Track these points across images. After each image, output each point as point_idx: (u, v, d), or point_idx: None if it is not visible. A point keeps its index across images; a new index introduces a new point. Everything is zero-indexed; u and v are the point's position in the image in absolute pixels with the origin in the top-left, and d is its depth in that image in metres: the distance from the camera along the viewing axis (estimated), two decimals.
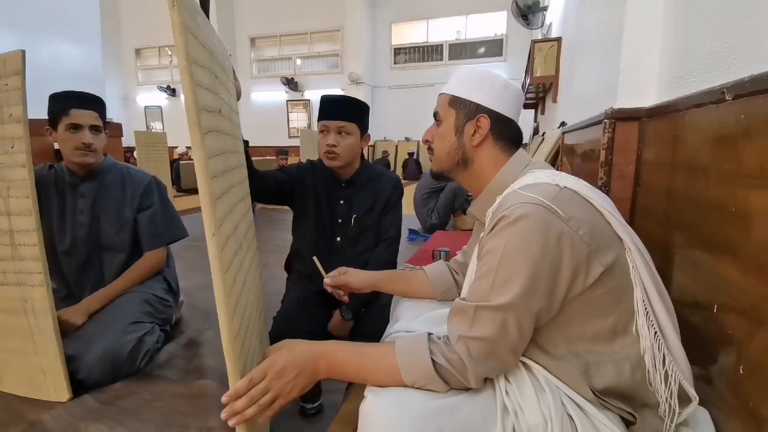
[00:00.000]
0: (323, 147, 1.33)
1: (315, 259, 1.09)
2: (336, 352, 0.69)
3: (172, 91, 13.06)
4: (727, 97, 0.69)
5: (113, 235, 1.62)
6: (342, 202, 1.41)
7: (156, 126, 13.39)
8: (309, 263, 1.13)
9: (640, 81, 1.16)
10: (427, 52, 11.81)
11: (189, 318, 2.00)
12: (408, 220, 2.95)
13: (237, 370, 0.66)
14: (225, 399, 0.63)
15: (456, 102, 0.79)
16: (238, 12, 12.24)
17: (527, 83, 4.49)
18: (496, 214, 0.66)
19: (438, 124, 0.82)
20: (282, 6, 11.83)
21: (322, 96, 1.39)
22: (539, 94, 4.97)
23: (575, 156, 1.91)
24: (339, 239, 1.41)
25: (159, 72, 13.40)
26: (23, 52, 1.20)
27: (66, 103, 1.47)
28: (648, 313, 0.63)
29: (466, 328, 0.63)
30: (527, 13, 4.54)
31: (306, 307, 1.30)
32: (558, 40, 3.47)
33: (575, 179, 0.68)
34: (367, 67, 11.42)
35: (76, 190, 1.59)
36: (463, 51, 11.48)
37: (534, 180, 0.68)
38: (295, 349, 0.69)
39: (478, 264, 0.68)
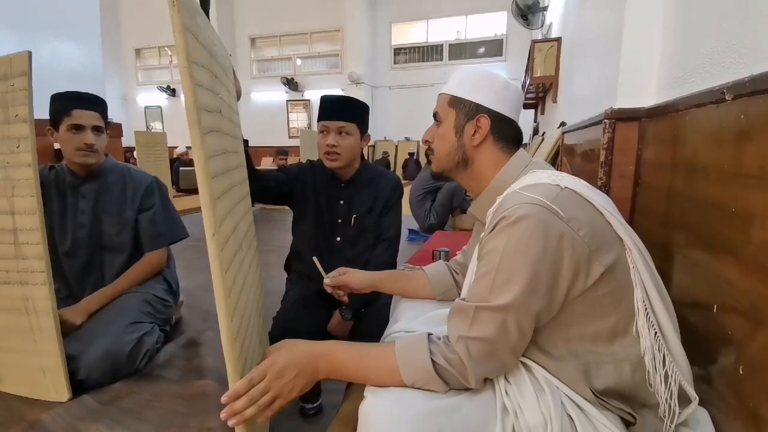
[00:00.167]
0: (323, 147, 1.33)
1: (315, 260, 1.09)
2: (336, 352, 0.69)
3: (172, 91, 13.06)
4: (727, 97, 0.69)
5: (114, 236, 1.62)
6: (342, 202, 1.41)
7: (156, 126, 13.39)
8: (309, 263, 1.13)
9: (639, 81, 1.16)
10: (427, 52, 11.80)
11: (189, 318, 2.00)
12: (408, 220, 2.96)
13: (237, 370, 0.66)
14: (225, 399, 0.63)
15: (456, 102, 0.79)
16: (238, 12, 12.23)
17: (527, 83, 4.48)
18: (496, 214, 0.66)
19: (438, 124, 0.82)
20: (282, 6, 11.82)
21: (322, 96, 1.39)
22: (539, 94, 4.96)
23: (575, 156, 1.91)
24: (339, 239, 1.41)
25: (159, 72, 13.39)
26: (29, 53, 1.21)
27: (68, 104, 1.47)
28: (648, 314, 0.63)
29: (466, 328, 0.63)
30: (527, 13, 4.53)
31: (306, 307, 1.30)
32: (558, 40, 3.46)
33: (576, 179, 0.68)
34: (367, 67, 11.41)
35: (77, 190, 1.59)
36: (463, 51, 11.47)
37: (534, 180, 0.68)
38: (295, 349, 0.69)
39: (478, 264, 0.68)
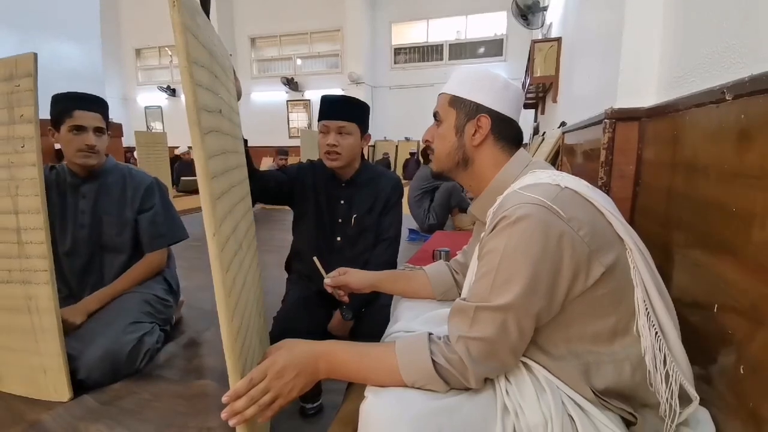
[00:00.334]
0: (323, 147, 1.33)
1: (315, 260, 1.09)
2: (336, 352, 0.69)
3: (172, 91, 13.05)
4: (727, 97, 0.69)
5: (114, 236, 1.62)
6: (342, 202, 1.41)
7: (156, 126, 13.38)
8: (309, 263, 1.13)
9: (640, 81, 1.16)
10: (427, 52, 11.80)
11: (189, 318, 2.00)
12: (408, 220, 2.96)
13: (237, 370, 0.66)
14: (225, 399, 0.63)
15: (456, 102, 0.78)
16: (238, 12, 12.23)
17: (527, 83, 4.48)
18: (496, 214, 0.66)
19: (438, 124, 0.82)
20: (282, 6, 11.82)
21: (322, 96, 1.39)
22: (539, 94, 4.96)
23: (575, 156, 1.91)
24: (339, 239, 1.41)
25: (159, 72, 13.39)
26: (35, 54, 1.22)
27: (70, 105, 1.47)
28: (649, 314, 0.63)
29: (466, 328, 0.63)
30: (527, 13, 4.53)
31: (306, 307, 1.30)
32: (558, 40, 3.46)
33: (576, 179, 0.68)
34: (367, 67, 11.41)
35: (77, 190, 1.59)
36: (463, 51, 11.46)
37: (535, 180, 0.68)
38: (295, 349, 0.69)
39: (478, 264, 0.68)
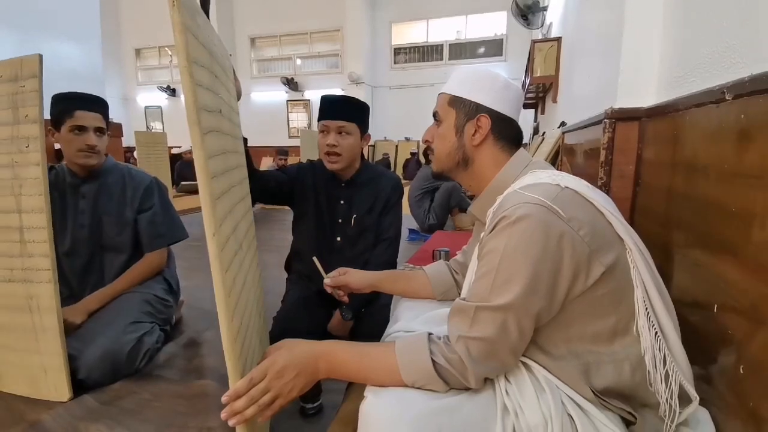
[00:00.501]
0: (323, 147, 1.33)
1: (315, 260, 1.09)
2: (336, 351, 0.69)
3: (172, 91, 13.05)
4: (727, 97, 0.69)
5: (114, 236, 1.62)
6: (342, 202, 1.41)
7: (156, 126, 13.37)
8: (309, 263, 1.13)
9: (640, 81, 1.16)
10: (427, 52, 11.79)
11: (189, 318, 1.99)
12: (408, 220, 2.96)
13: (237, 370, 0.66)
14: (225, 399, 0.63)
15: (456, 102, 0.78)
16: (238, 12, 12.22)
17: (527, 83, 4.48)
18: (496, 214, 0.65)
19: (438, 124, 0.82)
20: (282, 6, 11.81)
21: (322, 96, 1.39)
22: (539, 94, 4.96)
23: (575, 156, 1.91)
24: (339, 239, 1.41)
25: (159, 72, 13.38)
26: (40, 56, 1.24)
27: (70, 105, 1.47)
28: (649, 313, 0.63)
29: (466, 328, 0.63)
30: (527, 13, 4.53)
31: (306, 307, 1.30)
32: (558, 40, 3.46)
33: (576, 179, 0.68)
34: (367, 67, 11.41)
35: (77, 190, 1.59)
36: (463, 51, 11.46)
37: (535, 180, 0.68)
38: (295, 349, 0.69)
39: (478, 264, 0.67)
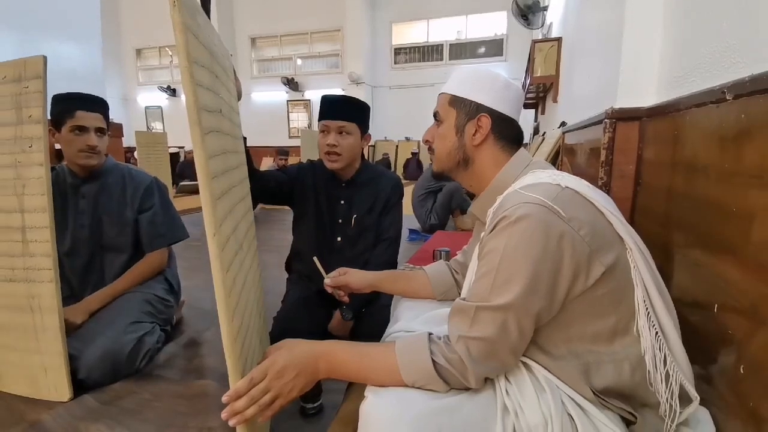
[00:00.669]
0: (324, 147, 1.33)
1: (315, 260, 1.09)
2: (336, 352, 0.69)
3: (172, 91, 13.06)
4: (728, 97, 0.69)
5: (115, 236, 1.62)
6: (342, 202, 1.41)
7: (156, 126, 13.39)
8: (309, 263, 1.13)
9: (640, 81, 1.16)
10: (428, 52, 11.80)
11: (189, 318, 2.00)
12: (408, 220, 2.95)
13: (237, 370, 0.66)
14: (225, 399, 0.63)
15: (457, 101, 0.78)
16: (238, 12, 12.23)
17: (527, 83, 4.48)
18: (496, 214, 0.65)
19: (438, 123, 0.82)
20: (282, 6, 11.82)
21: (322, 96, 1.39)
22: (539, 93, 4.96)
23: (575, 156, 1.91)
24: (339, 239, 1.41)
25: (159, 72, 13.39)
26: (44, 57, 1.25)
27: (71, 105, 1.47)
28: (649, 313, 0.63)
29: (466, 328, 0.63)
30: (527, 13, 4.53)
31: (306, 307, 1.30)
32: (558, 40, 3.46)
33: (576, 179, 0.68)
34: (368, 67, 11.41)
35: (77, 191, 1.59)
36: (464, 51, 11.46)
37: (535, 180, 0.68)
38: (295, 349, 0.69)
39: (478, 264, 0.67)
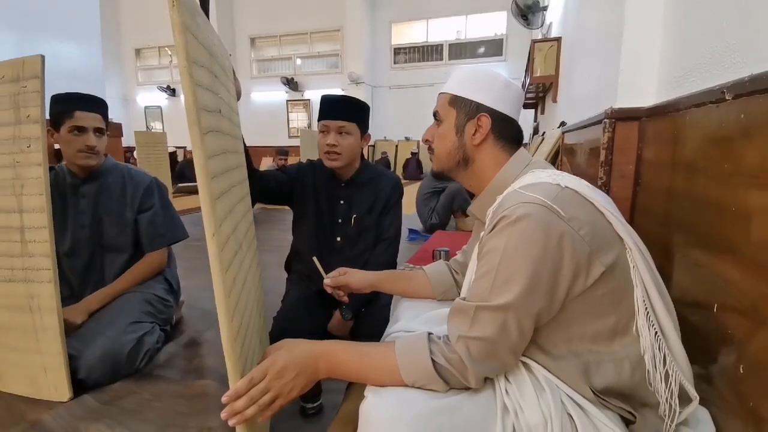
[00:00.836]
0: (323, 147, 1.33)
1: (315, 260, 1.09)
2: (336, 351, 0.69)
3: (172, 91, 13.06)
4: (727, 97, 0.69)
5: (115, 236, 1.62)
6: (342, 202, 1.41)
7: (156, 126, 13.39)
8: (309, 263, 1.13)
9: (640, 81, 1.16)
10: (427, 52, 11.81)
11: (189, 318, 1.99)
12: (408, 220, 2.95)
13: (237, 370, 0.66)
14: (225, 399, 0.63)
15: (456, 101, 0.78)
16: (238, 12, 12.24)
17: (527, 83, 4.48)
18: (496, 213, 0.65)
19: (438, 123, 0.82)
20: (282, 6, 11.82)
21: (322, 96, 1.39)
22: (539, 93, 4.96)
23: (575, 156, 1.91)
24: (339, 239, 1.41)
25: (159, 72, 13.40)
26: (42, 57, 1.24)
27: (70, 105, 1.47)
28: (648, 313, 0.63)
29: (466, 328, 0.63)
30: (527, 13, 4.53)
31: (306, 307, 1.30)
32: (558, 39, 3.46)
33: (576, 179, 0.68)
34: (367, 67, 11.42)
35: (77, 191, 1.59)
36: (463, 51, 11.47)
37: (535, 179, 0.68)
38: (295, 349, 0.69)
39: (478, 264, 0.67)
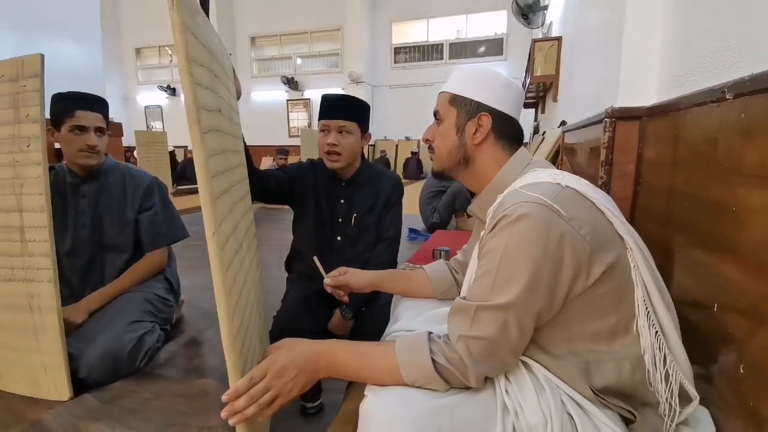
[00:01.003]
0: (324, 146, 1.32)
1: (315, 259, 1.09)
2: (336, 351, 0.69)
3: (172, 91, 13.06)
4: (728, 96, 0.69)
5: (115, 236, 1.62)
6: (342, 201, 1.41)
7: (156, 125, 13.39)
8: (309, 263, 1.13)
9: (640, 80, 1.16)
10: (428, 51, 11.79)
11: (189, 317, 2.00)
12: (409, 219, 2.95)
13: (237, 369, 0.66)
14: (225, 398, 0.63)
15: (457, 100, 0.78)
16: (238, 11, 12.23)
17: (527, 82, 4.48)
18: (497, 213, 0.65)
19: (438, 122, 0.82)
20: (282, 5, 11.81)
21: (322, 95, 1.39)
22: (539, 93, 4.96)
23: (575, 155, 1.91)
24: (339, 239, 1.41)
25: (159, 71, 13.39)
26: (42, 56, 1.24)
27: (71, 105, 1.47)
28: (649, 313, 0.63)
29: (466, 327, 0.63)
30: (527, 13, 4.53)
31: (306, 307, 1.30)
32: (558, 39, 3.46)
33: (577, 178, 0.68)
34: (368, 67, 11.41)
35: (77, 190, 1.59)
36: (464, 50, 11.46)
37: (535, 179, 0.68)
38: (295, 349, 0.69)
39: (478, 263, 0.67)
